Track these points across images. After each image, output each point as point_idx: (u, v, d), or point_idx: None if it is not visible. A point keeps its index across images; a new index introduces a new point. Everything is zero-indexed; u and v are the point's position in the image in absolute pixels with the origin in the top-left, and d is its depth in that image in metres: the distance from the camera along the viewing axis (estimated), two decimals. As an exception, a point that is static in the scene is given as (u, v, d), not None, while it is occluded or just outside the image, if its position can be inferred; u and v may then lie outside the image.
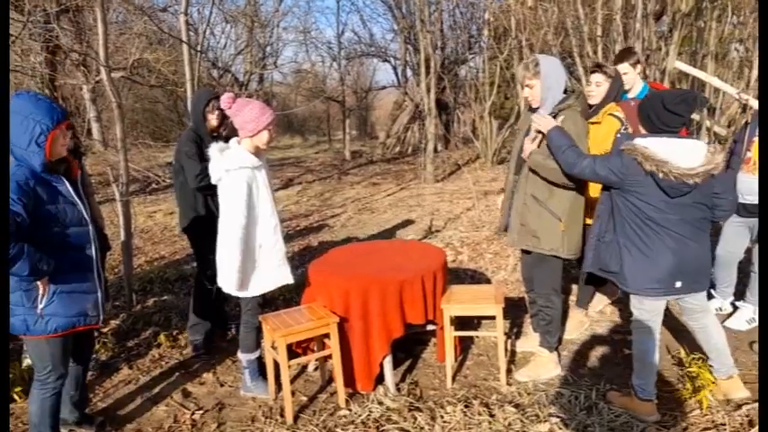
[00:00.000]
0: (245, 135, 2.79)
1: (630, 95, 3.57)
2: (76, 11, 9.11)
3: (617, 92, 3.29)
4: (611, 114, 3.20)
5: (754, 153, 3.30)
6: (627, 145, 2.48)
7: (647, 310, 2.64)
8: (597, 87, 3.27)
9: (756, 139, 3.27)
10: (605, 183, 2.58)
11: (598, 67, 3.32)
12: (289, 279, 2.96)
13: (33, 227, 2.13)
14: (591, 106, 3.27)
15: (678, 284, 2.52)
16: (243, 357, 3.05)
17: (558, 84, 2.88)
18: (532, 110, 3.03)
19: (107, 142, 12.30)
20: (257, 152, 2.84)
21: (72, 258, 2.29)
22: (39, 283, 2.21)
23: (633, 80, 3.57)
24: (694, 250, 2.52)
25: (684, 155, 2.37)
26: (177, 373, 3.36)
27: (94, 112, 12.10)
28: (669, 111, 2.44)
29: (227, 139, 3.07)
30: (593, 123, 3.24)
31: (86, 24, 9.37)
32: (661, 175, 2.36)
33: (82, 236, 2.33)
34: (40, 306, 2.23)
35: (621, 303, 4.07)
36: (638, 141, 2.46)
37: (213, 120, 3.41)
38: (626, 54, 3.62)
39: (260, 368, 3.11)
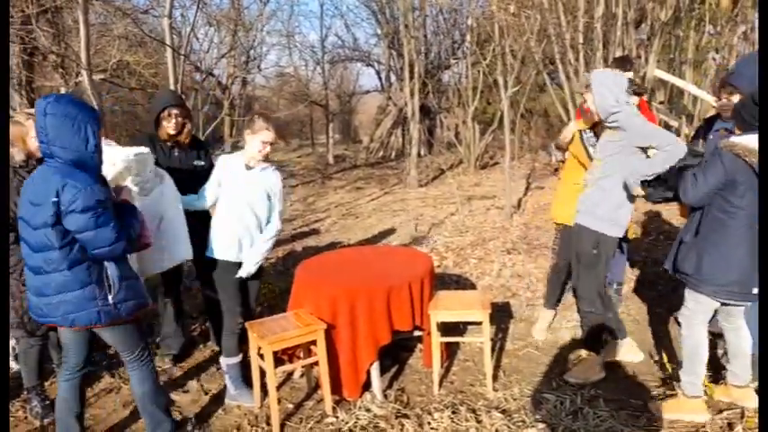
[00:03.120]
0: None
1: None
2: (55, 12, 8.95)
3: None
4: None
5: None
6: (725, 143, 2.42)
7: (705, 307, 2.60)
8: (593, 105, 3.13)
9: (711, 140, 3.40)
10: (715, 189, 2.45)
11: (589, 87, 3.16)
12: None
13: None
14: (595, 124, 3.26)
15: (755, 291, 2.44)
16: (223, 362, 3.05)
17: (609, 99, 2.85)
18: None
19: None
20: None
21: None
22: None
23: None
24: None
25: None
26: (161, 382, 3.29)
27: (73, 114, 11.85)
28: (756, 104, 2.36)
29: (188, 147, 3.30)
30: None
31: (65, 26, 9.20)
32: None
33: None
34: (110, 297, 2.29)
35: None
36: (737, 139, 2.41)
37: (170, 128, 3.24)
38: (623, 62, 3.66)
39: (243, 375, 3.08)
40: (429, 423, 2.73)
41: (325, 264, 3.40)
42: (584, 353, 3.21)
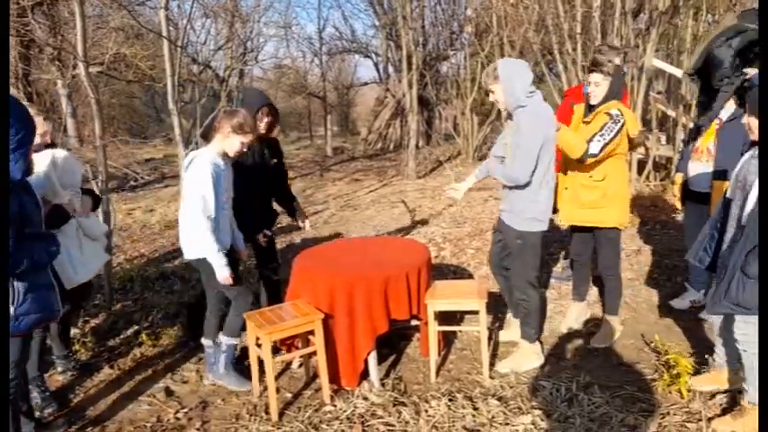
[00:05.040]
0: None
1: None
2: (51, 4, 8.92)
3: (618, 89, 3.19)
4: (605, 113, 3.14)
5: (701, 143, 3.51)
6: None
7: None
8: (596, 87, 3.17)
9: (704, 129, 3.50)
10: None
11: (596, 66, 3.18)
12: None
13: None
14: (592, 107, 3.23)
15: None
16: (223, 340, 3.08)
17: (519, 87, 2.87)
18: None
19: (83, 138, 12.06)
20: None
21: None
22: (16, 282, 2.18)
23: None
24: None
25: None
26: (159, 372, 3.33)
27: (70, 107, 11.85)
28: None
29: (267, 145, 3.46)
30: (585, 123, 3.28)
31: (61, 18, 9.17)
32: None
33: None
34: (12, 308, 2.17)
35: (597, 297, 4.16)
36: None
37: (261, 127, 3.36)
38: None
39: (236, 362, 3.13)
40: (426, 411, 2.76)
41: (323, 254, 3.42)
42: (520, 342, 3.26)
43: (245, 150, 3.02)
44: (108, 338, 3.77)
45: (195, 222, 2.87)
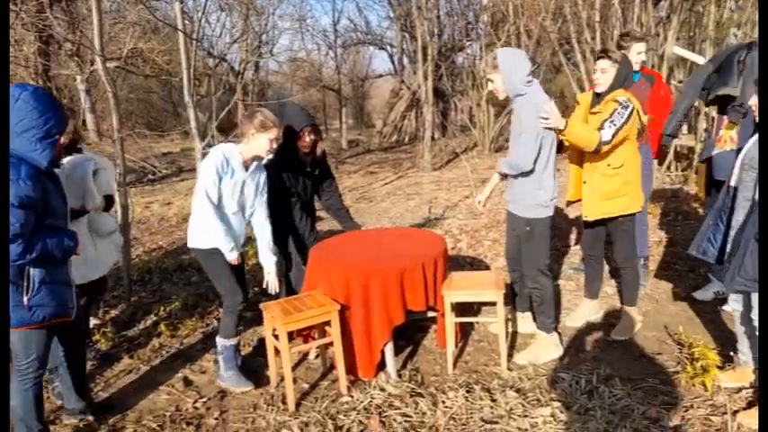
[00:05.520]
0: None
1: None
2: (69, 0, 9.01)
3: (625, 77, 3.13)
4: (613, 100, 3.06)
5: (725, 132, 3.46)
6: None
7: None
8: (603, 74, 3.11)
9: (726, 118, 3.44)
10: None
11: (604, 53, 3.15)
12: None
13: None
14: (598, 95, 3.17)
15: None
16: (219, 342, 3.01)
17: (517, 76, 2.93)
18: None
19: (102, 133, 12.21)
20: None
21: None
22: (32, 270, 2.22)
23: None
24: None
25: None
26: (178, 362, 3.36)
27: (89, 102, 12.00)
28: None
29: (314, 164, 3.54)
30: (594, 114, 3.18)
31: (79, 14, 9.26)
32: None
33: (60, 228, 2.35)
34: (26, 297, 2.22)
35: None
36: None
37: (304, 147, 3.42)
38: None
39: (236, 360, 3.06)
40: (443, 402, 2.74)
41: (339, 245, 3.41)
42: (537, 334, 3.23)
43: (274, 147, 2.97)
44: (127, 329, 3.82)
45: (199, 209, 2.89)
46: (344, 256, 3.16)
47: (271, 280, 3.12)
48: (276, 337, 2.88)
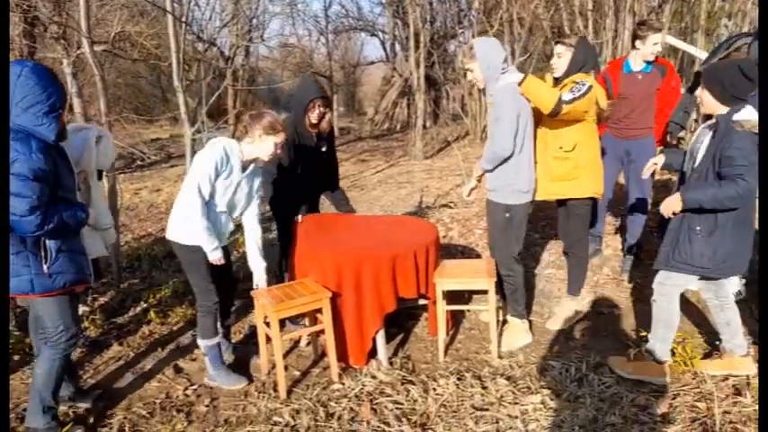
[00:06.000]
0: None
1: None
2: (55, -19, 8.78)
3: (584, 62, 3.13)
4: (572, 82, 3.06)
5: None
6: (742, 124, 2.35)
7: (687, 283, 2.71)
8: (559, 59, 3.20)
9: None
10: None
11: (560, 38, 3.30)
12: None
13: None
14: (557, 80, 3.22)
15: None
16: (201, 344, 2.92)
17: (494, 63, 2.98)
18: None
19: (89, 117, 12.01)
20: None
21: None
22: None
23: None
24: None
25: None
26: (168, 350, 3.34)
27: (75, 86, 11.79)
28: (747, 77, 2.36)
29: (320, 137, 3.47)
30: None
31: (65, -5, 9.05)
32: None
33: (71, 201, 2.40)
34: (45, 266, 2.28)
35: (606, 278, 4.13)
36: (747, 115, 2.37)
37: (312, 117, 3.37)
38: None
39: (223, 357, 3.01)
40: (434, 389, 2.76)
41: (329, 226, 3.38)
42: (510, 320, 3.27)
43: (279, 153, 2.87)
44: (116, 316, 3.79)
45: (186, 202, 2.71)
46: (336, 244, 3.15)
47: (261, 285, 2.99)
48: (267, 324, 2.87)
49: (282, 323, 3.14)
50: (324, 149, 3.57)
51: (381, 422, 2.53)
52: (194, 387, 2.94)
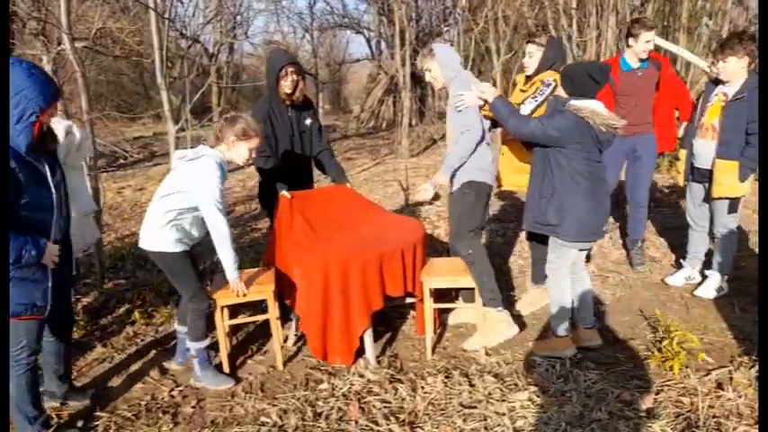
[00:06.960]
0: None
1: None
2: (33, -24, 8.62)
3: (553, 60, 3.29)
4: (540, 81, 3.27)
5: (707, 119, 3.49)
6: (573, 105, 2.72)
7: (570, 258, 2.93)
8: (530, 58, 3.35)
9: (710, 105, 3.48)
10: (548, 142, 2.77)
11: (531, 38, 3.40)
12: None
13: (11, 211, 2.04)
14: (528, 78, 3.36)
15: (604, 230, 2.94)
16: (191, 345, 2.91)
17: (451, 63, 3.15)
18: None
19: (70, 115, 11.83)
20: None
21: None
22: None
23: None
24: (608, 199, 2.94)
25: (606, 113, 2.73)
26: (153, 351, 3.30)
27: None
28: (592, 78, 2.72)
29: (299, 107, 3.38)
30: (523, 92, 3.39)
31: (45, -10, 8.88)
32: (604, 128, 2.67)
33: (45, 223, 2.24)
34: None
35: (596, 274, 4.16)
36: (580, 103, 2.72)
37: (286, 86, 3.27)
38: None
39: (211, 359, 3.00)
40: (422, 387, 2.76)
41: (314, 214, 3.28)
42: (485, 312, 3.15)
43: (254, 156, 2.86)
44: (100, 317, 3.73)
45: (212, 222, 2.71)
46: (323, 243, 3.13)
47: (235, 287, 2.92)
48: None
49: (287, 318, 3.32)
50: (308, 121, 3.49)
51: (370, 421, 2.52)
52: (180, 388, 2.91)
